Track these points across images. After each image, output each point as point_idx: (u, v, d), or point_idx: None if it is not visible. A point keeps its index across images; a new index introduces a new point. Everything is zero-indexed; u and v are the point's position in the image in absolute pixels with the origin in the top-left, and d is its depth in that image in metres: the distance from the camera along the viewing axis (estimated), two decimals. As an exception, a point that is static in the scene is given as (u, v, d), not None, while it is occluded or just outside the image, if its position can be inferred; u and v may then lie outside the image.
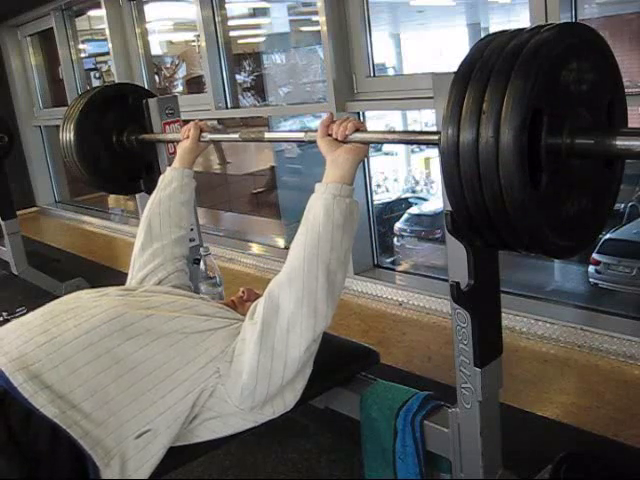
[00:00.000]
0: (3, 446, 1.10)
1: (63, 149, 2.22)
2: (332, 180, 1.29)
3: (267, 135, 1.73)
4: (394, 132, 1.35)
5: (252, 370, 1.23)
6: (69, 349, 1.21)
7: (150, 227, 1.71)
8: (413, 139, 1.52)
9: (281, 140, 1.74)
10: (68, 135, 2.17)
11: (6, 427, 1.12)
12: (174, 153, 2.15)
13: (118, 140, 2.25)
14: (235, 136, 1.76)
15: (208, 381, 1.25)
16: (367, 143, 1.36)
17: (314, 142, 1.39)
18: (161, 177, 1.82)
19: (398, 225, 6.93)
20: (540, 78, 0.94)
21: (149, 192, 2.13)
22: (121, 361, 1.21)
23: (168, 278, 1.64)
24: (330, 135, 1.35)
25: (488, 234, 1.07)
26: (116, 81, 4.30)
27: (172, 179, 1.78)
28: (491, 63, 0.97)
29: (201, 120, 1.88)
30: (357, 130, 1.33)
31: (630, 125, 1.18)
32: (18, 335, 1.26)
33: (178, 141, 1.91)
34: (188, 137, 1.82)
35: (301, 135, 1.51)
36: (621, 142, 0.99)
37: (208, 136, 1.82)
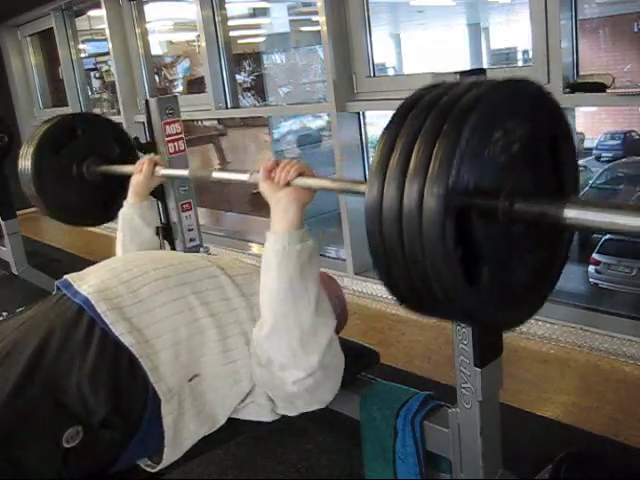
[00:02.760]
0: (92, 375, 1.17)
1: (24, 186, 2.20)
2: (279, 229, 1.28)
3: (214, 174, 1.77)
4: (334, 180, 1.30)
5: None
6: (147, 289, 1.31)
7: None
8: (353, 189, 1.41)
9: (227, 180, 1.76)
10: (26, 171, 2.15)
11: (94, 354, 1.19)
12: (174, 153, 2.15)
13: (78, 172, 2.20)
14: (185, 172, 1.87)
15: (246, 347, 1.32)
16: (310, 189, 1.32)
17: (257, 184, 1.37)
18: (120, 214, 1.84)
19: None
20: (470, 140, 0.86)
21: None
22: (194, 309, 1.31)
23: None
24: (273, 179, 1.33)
25: (412, 302, 0.99)
26: (116, 81, 4.30)
27: (134, 216, 1.81)
28: (421, 118, 0.89)
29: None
30: (301, 174, 1.30)
31: (630, 127, 1.13)
32: (103, 271, 1.38)
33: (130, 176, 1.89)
34: (141, 171, 1.83)
35: (245, 177, 1.48)
36: (568, 213, 0.89)
37: (161, 171, 1.84)
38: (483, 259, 0.92)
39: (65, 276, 1.39)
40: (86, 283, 1.32)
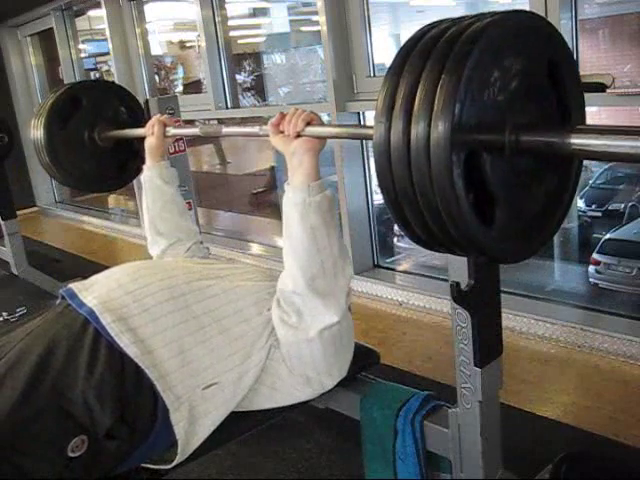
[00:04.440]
0: (98, 385, 1.18)
1: (38, 155, 2.22)
2: (298, 182, 1.29)
3: (224, 130, 1.83)
4: (343, 126, 1.32)
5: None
6: (152, 300, 1.31)
7: (157, 228, 1.79)
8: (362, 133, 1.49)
9: (237, 134, 1.81)
10: (39, 137, 2.17)
11: (101, 365, 1.20)
12: (174, 153, 2.15)
13: (90, 139, 2.23)
14: (196, 130, 1.91)
15: (267, 343, 1.35)
16: (320, 138, 1.32)
17: (268, 136, 1.37)
18: (142, 178, 1.84)
19: (398, 225, 6.91)
20: (477, 67, 0.86)
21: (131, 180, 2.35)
22: (199, 317, 1.32)
23: (191, 249, 1.77)
24: (283, 132, 1.33)
25: (431, 243, 0.99)
26: (116, 81, 4.30)
27: (153, 177, 1.81)
28: (425, 55, 0.89)
29: (178, 120, 1.91)
30: (309, 124, 1.30)
31: (631, 124, 1.13)
32: (109, 281, 1.38)
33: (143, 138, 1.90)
34: (153, 133, 1.83)
35: (256, 129, 1.49)
36: (574, 140, 0.89)
37: (172, 131, 1.86)
38: (494, 196, 0.93)
39: (70, 285, 1.39)
40: (91, 294, 1.33)
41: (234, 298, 1.38)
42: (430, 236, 0.95)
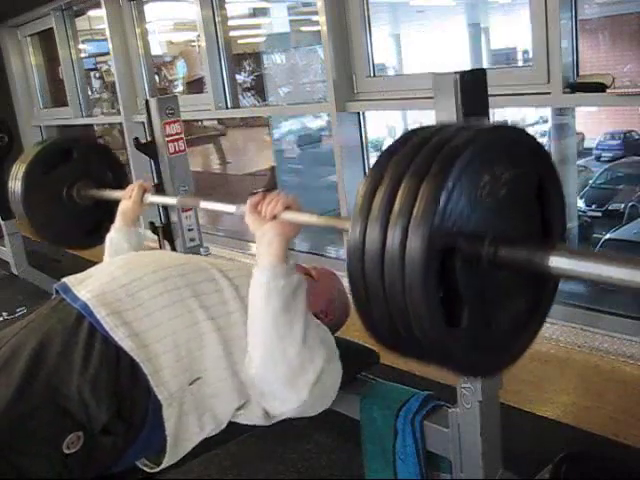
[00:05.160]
0: (93, 380, 1.17)
1: (13, 205, 2.19)
2: (264, 265, 1.27)
3: (202, 203, 1.74)
4: (321, 217, 1.29)
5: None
6: (146, 293, 1.31)
7: None
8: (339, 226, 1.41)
9: (214, 209, 1.73)
10: (16, 190, 2.14)
11: (96, 360, 1.20)
12: (174, 153, 2.15)
13: (68, 195, 2.20)
14: (174, 200, 1.86)
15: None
16: (295, 224, 1.31)
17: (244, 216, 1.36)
18: (108, 238, 1.83)
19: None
20: (461, 177, 0.85)
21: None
22: (193, 312, 1.31)
23: None
24: (259, 212, 1.32)
25: (394, 345, 0.97)
26: (116, 81, 4.30)
27: (120, 240, 1.81)
28: (412, 155, 0.88)
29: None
30: (287, 208, 1.29)
31: (630, 127, 1.11)
32: (102, 275, 1.37)
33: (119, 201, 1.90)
34: (131, 197, 1.84)
35: (233, 209, 1.47)
36: (553, 262, 0.87)
37: (150, 198, 1.85)
38: (465, 302, 0.90)
39: (63, 279, 1.39)
40: (85, 288, 1.32)
41: (225, 299, 1.37)
42: (397, 338, 0.93)
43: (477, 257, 0.91)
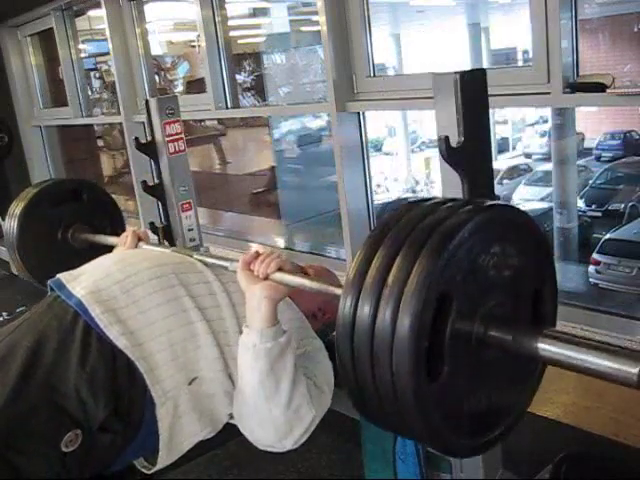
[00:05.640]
0: (90, 378, 1.17)
1: (5, 237, 2.20)
2: (252, 327, 1.26)
3: (195, 256, 1.69)
4: (312, 280, 1.28)
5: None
6: (142, 290, 1.30)
7: None
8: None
9: (208, 263, 1.66)
10: (13, 223, 2.15)
11: (93, 358, 1.19)
12: (174, 153, 2.15)
13: (63, 235, 2.21)
14: (168, 251, 1.82)
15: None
16: (287, 285, 1.29)
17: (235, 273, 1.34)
18: None
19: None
20: (454, 256, 0.85)
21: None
22: (188, 311, 1.31)
23: None
24: (252, 270, 1.31)
25: (382, 422, 0.98)
26: (116, 81, 4.30)
27: None
28: (407, 231, 0.88)
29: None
30: (280, 269, 1.28)
31: (630, 127, 1.12)
32: (97, 271, 1.37)
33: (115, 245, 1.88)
34: (125, 243, 1.81)
35: (227, 264, 1.45)
36: (541, 345, 0.90)
37: (144, 246, 1.82)
38: (448, 369, 0.90)
39: (58, 275, 1.39)
40: (79, 284, 1.32)
41: (218, 303, 1.36)
42: (388, 422, 0.94)
43: (467, 335, 0.91)
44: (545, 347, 0.90)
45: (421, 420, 0.88)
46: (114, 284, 1.31)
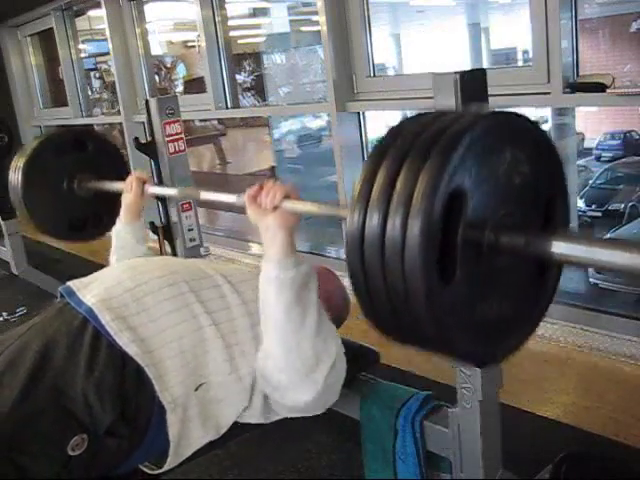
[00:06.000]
0: (98, 383, 1.17)
1: (10, 188, 2.18)
2: (271, 258, 1.25)
3: (202, 195, 1.72)
4: (320, 205, 1.27)
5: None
6: (152, 299, 1.30)
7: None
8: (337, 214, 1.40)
9: (215, 200, 1.70)
10: (17, 174, 2.13)
11: (101, 363, 1.20)
12: (174, 153, 2.15)
13: (69, 185, 2.19)
14: (174, 191, 1.83)
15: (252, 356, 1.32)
16: (296, 212, 1.28)
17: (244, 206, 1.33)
18: (114, 232, 1.82)
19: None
20: (463, 161, 0.83)
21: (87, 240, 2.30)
22: (197, 317, 1.30)
23: None
24: (259, 204, 1.29)
25: (394, 333, 0.97)
26: (116, 81, 4.31)
27: (126, 235, 1.79)
28: (411, 140, 0.86)
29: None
30: (286, 197, 1.26)
31: (630, 127, 1.11)
32: (107, 279, 1.37)
33: (121, 193, 1.87)
34: (131, 190, 1.82)
35: (233, 198, 1.46)
36: (556, 246, 0.87)
37: (150, 189, 1.84)
38: (461, 271, 0.89)
39: (68, 283, 1.39)
40: (90, 292, 1.32)
41: (228, 304, 1.37)
42: (400, 331, 0.93)
43: (478, 243, 0.90)
44: (558, 247, 0.87)
45: (434, 325, 0.86)
46: (125, 292, 1.31)
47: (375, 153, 0.89)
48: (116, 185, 2.02)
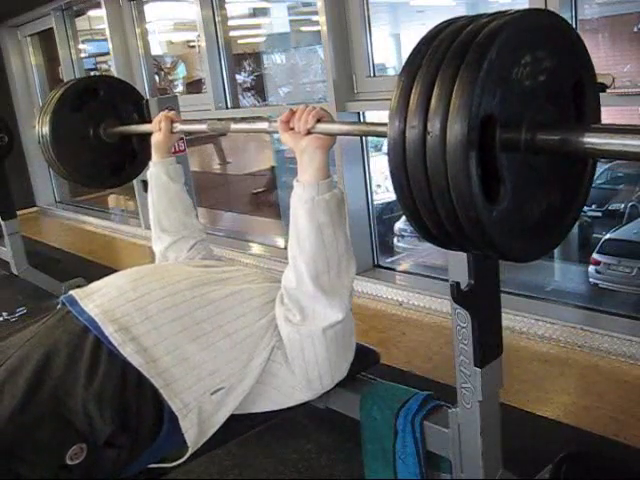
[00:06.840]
0: (98, 393, 1.17)
1: (42, 148, 2.21)
2: (307, 180, 1.28)
3: (232, 126, 1.72)
4: (355, 123, 1.29)
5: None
6: (154, 307, 1.30)
7: (161, 225, 1.79)
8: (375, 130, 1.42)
9: (246, 131, 1.75)
10: (45, 131, 2.16)
11: (101, 373, 1.20)
12: (175, 153, 2.15)
13: (95, 134, 2.23)
14: (203, 126, 1.83)
15: (270, 345, 1.35)
16: (331, 135, 1.31)
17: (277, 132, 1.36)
18: (148, 174, 1.84)
19: (398, 225, 6.92)
20: (492, 69, 0.85)
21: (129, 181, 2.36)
22: (201, 323, 1.31)
23: (195, 247, 1.77)
24: (293, 129, 1.31)
25: (442, 238, 0.99)
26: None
27: (159, 174, 1.81)
28: (442, 50, 0.89)
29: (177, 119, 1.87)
30: (319, 120, 1.29)
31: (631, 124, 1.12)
32: (110, 289, 1.37)
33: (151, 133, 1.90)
34: (160, 129, 1.82)
35: (265, 126, 1.48)
36: (589, 139, 0.90)
37: (179, 127, 1.84)
38: (505, 184, 0.92)
39: (70, 292, 1.39)
40: (92, 302, 1.32)
41: (236, 303, 1.38)
42: (444, 234, 0.96)
43: (515, 142, 0.92)
44: (592, 140, 0.90)
45: (481, 235, 0.90)
46: (127, 302, 1.31)
47: (411, 61, 0.92)
48: (143, 127, 2.05)
